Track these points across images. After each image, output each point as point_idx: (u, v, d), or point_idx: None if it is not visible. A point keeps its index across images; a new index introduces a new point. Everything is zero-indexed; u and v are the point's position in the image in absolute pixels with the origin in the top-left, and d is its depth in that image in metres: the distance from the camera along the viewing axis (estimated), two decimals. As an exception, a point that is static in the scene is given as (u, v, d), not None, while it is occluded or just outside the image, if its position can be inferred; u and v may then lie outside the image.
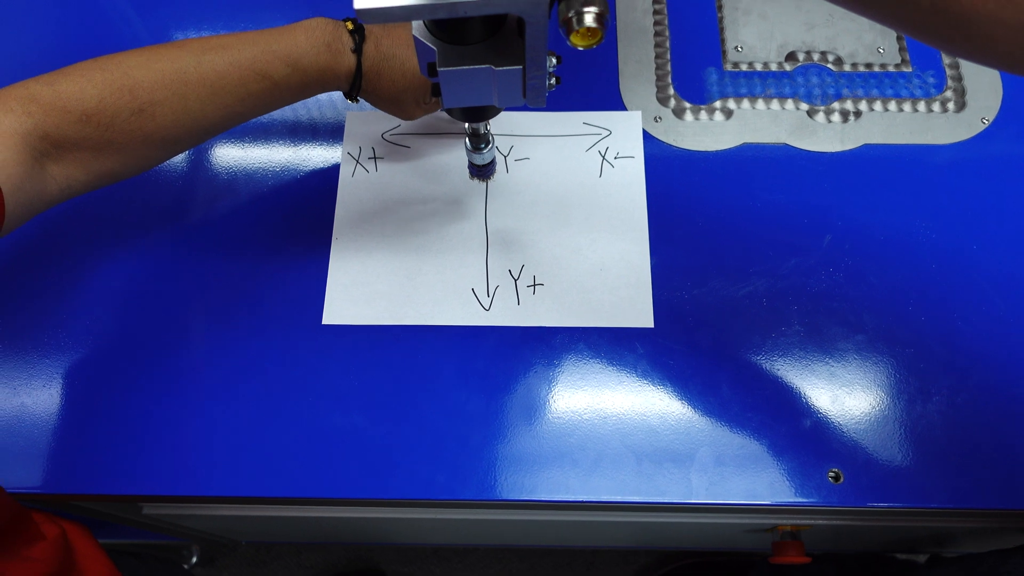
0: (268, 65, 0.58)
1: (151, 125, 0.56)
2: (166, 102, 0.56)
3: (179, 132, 0.58)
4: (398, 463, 0.64)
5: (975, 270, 0.69)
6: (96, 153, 0.55)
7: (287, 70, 0.58)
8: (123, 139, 0.56)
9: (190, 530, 1.02)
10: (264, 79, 0.58)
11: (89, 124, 0.54)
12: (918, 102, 0.77)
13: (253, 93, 0.59)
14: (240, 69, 0.58)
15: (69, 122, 0.53)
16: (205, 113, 0.58)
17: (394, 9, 0.39)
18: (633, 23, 0.81)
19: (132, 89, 0.55)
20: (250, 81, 0.58)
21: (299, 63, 0.59)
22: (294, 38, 0.59)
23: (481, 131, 0.62)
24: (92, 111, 0.54)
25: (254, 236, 0.73)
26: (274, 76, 0.58)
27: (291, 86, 0.60)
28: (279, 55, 0.58)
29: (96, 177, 0.57)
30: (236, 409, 0.66)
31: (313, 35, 0.59)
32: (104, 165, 0.57)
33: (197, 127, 0.59)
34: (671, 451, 0.64)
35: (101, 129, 0.54)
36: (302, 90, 0.61)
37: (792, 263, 0.70)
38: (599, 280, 0.70)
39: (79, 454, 0.65)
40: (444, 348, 0.68)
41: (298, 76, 0.59)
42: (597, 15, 0.38)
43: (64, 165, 0.55)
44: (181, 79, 0.56)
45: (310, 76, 0.60)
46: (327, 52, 0.59)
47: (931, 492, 0.62)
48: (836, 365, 0.66)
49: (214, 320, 0.70)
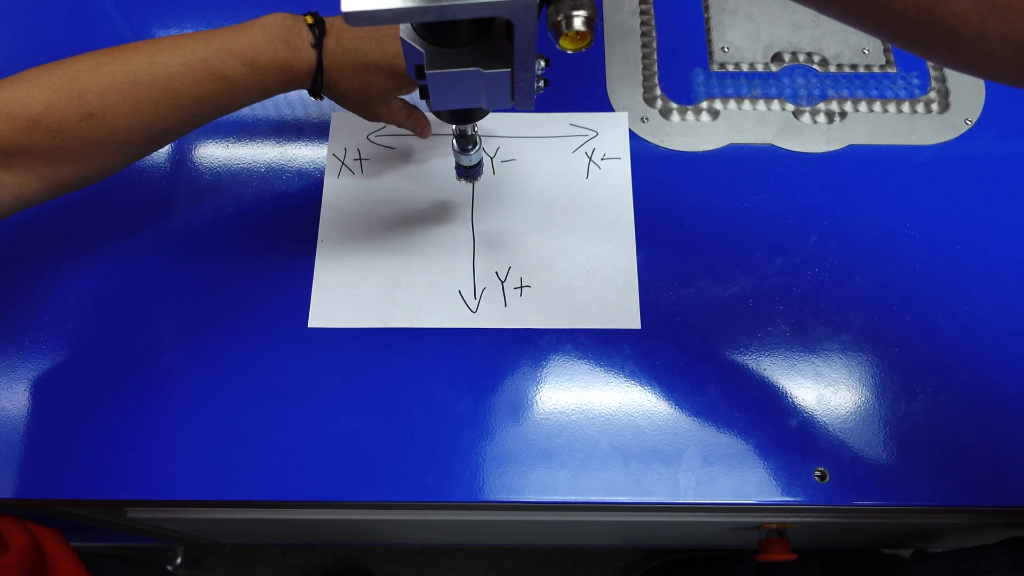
0: (223, 64, 0.56)
1: (103, 130, 0.54)
2: (117, 106, 0.54)
3: (133, 137, 0.56)
4: (386, 466, 0.64)
5: (959, 270, 0.70)
6: (48, 160, 0.53)
7: (243, 69, 0.56)
8: (74, 145, 0.54)
9: (175, 532, 1.02)
10: (219, 79, 0.56)
11: (37, 130, 0.52)
12: (902, 103, 0.77)
13: (209, 94, 0.57)
14: (194, 70, 0.55)
15: (16, 128, 0.51)
16: (159, 116, 0.56)
17: (383, 12, 0.39)
18: (620, 24, 0.81)
19: (81, 94, 0.53)
20: (204, 82, 0.56)
21: (255, 61, 0.57)
22: (250, 35, 0.57)
23: (468, 133, 0.62)
24: (39, 117, 0.52)
25: (239, 239, 0.73)
26: (230, 75, 0.56)
27: (249, 86, 0.58)
28: (234, 53, 0.56)
29: (50, 185, 0.55)
30: (221, 413, 0.66)
31: (270, 31, 0.57)
32: (58, 172, 0.55)
33: (152, 131, 0.57)
34: (659, 451, 0.64)
35: (50, 135, 0.52)
36: (261, 89, 0.59)
37: (778, 263, 0.71)
38: (586, 282, 0.70)
39: (63, 459, 0.65)
40: (431, 350, 0.68)
41: (256, 75, 0.57)
42: (586, 19, 0.38)
43: (15, 173, 0.53)
44: (132, 82, 0.54)
45: (268, 74, 0.58)
46: (285, 48, 0.57)
47: (916, 490, 0.63)
48: (822, 364, 0.67)
49: (199, 323, 0.69)
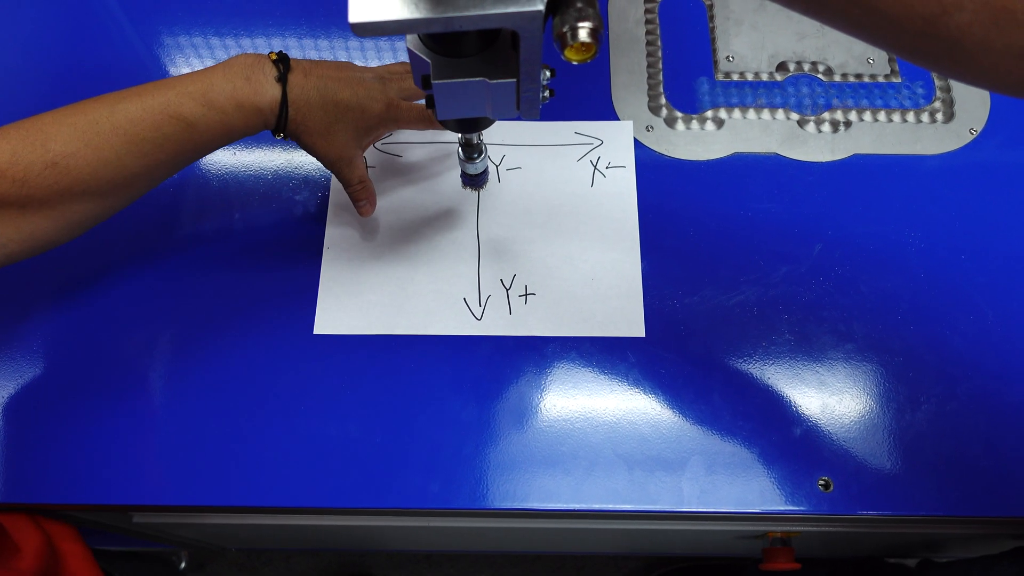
0: (181, 106, 0.56)
1: (67, 179, 0.54)
2: (79, 153, 0.54)
3: (98, 185, 0.56)
4: (391, 472, 0.64)
5: (964, 279, 0.70)
6: (21, 210, 0.54)
7: (201, 109, 0.56)
8: (42, 194, 0.54)
9: (180, 537, 1.02)
10: (178, 121, 0.56)
11: (5, 180, 0.53)
12: (907, 112, 0.77)
13: (170, 138, 0.57)
14: (153, 114, 0.56)
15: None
16: (123, 163, 0.56)
17: (390, 23, 0.39)
18: (625, 33, 0.82)
19: (44, 142, 0.54)
20: (164, 125, 0.56)
21: (214, 101, 0.57)
22: (210, 76, 0.57)
23: (474, 141, 0.62)
24: (5, 167, 0.53)
25: (245, 245, 0.73)
26: (188, 117, 0.56)
27: (209, 126, 0.57)
28: (192, 95, 0.56)
29: (29, 238, 0.56)
30: (227, 418, 0.66)
31: (230, 70, 0.57)
32: (32, 224, 0.55)
33: (117, 178, 0.57)
34: (662, 459, 0.64)
35: (17, 184, 0.53)
36: (224, 130, 0.58)
37: (783, 272, 0.71)
38: (591, 290, 0.70)
39: (69, 464, 0.65)
40: (436, 358, 0.68)
41: (214, 114, 0.57)
42: (591, 30, 0.38)
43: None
44: (94, 129, 0.55)
45: (228, 113, 0.57)
46: (246, 85, 0.57)
47: (920, 500, 0.62)
48: (826, 374, 0.67)
49: (206, 330, 0.70)
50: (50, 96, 0.80)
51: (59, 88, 0.81)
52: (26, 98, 0.81)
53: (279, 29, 0.84)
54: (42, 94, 0.81)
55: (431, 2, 0.38)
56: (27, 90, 0.81)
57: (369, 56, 0.83)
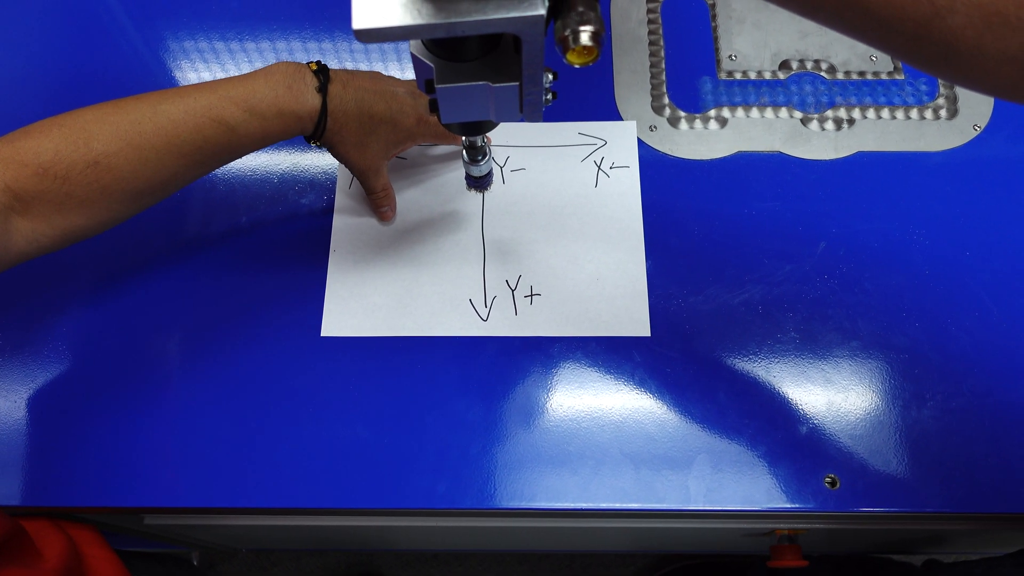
0: (223, 111, 0.57)
1: (108, 177, 0.55)
2: (121, 153, 0.55)
3: (138, 184, 0.57)
4: (398, 473, 0.64)
5: (969, 276, 0.70)
6: (58, 207, 0.55)
7: (243, 115, 0.58)
8: (82, 192, 0.55)
9: (190, 538, 1.03)
10: (219, 125, 0.57)
11: (47, 177, 0.54)
12: (911, 109, 0.77)
13: (210, 140, 0.58)
14: (195, 117, 0.57)
15: (27, 175, 0.53)
16: (163, 163, 0.57)
17: (393, 29, 0.39)
18: (628, 33, 0.82)
19: (87, 141, 0.55)
20: (206, 128, 0.57)
21: (256, 107, 0.58)
22: (252, 82, 0.58)
23: (478, 143, 0.63)
24: (48, 164, 0.54)
25: (252, 249, 0.74)
26: (230, 122, 0.58)
27: (250, 131, 0.59)
28: (235, 100, 0.57)
29: (62, 232, 0.57)
30: (237, 421, 0.66)
31: (272, 78, 0.59)
32: (68, 220, 0.56)
33: (157, 178, 0.58)
34: (669, 458, 0.64)
35: (59, 182, 0.54)
36: (262, 135, 0.60)
37: (787, 270, 0.71)
38: (596, 290, 0.70)
39: (80, 466, 0.66)
40: (442, 359, 0.68)
41: (256, 120, 0.58)
42: (593, 34, 0.39)
43: (29, 219, 0.54)
44: (136, 130, 0.56)
45: (269, 120, 0.59)
46: (287, 93, 0.58)
47: (926, 497, 0.63)
48: (831, 371, 0.67)
49: (213, 333, 0.70)
50: (57, 102, 0.81)
51: (65, 94, 0.81)
52: (33, 104, 0.81)
53: (284, 34, 0.85)
54: (48, 100, 0.81)
55: (434, 8, 0.38)
56: (34, 95, 0.82)
57: (373, 57, 0.83)
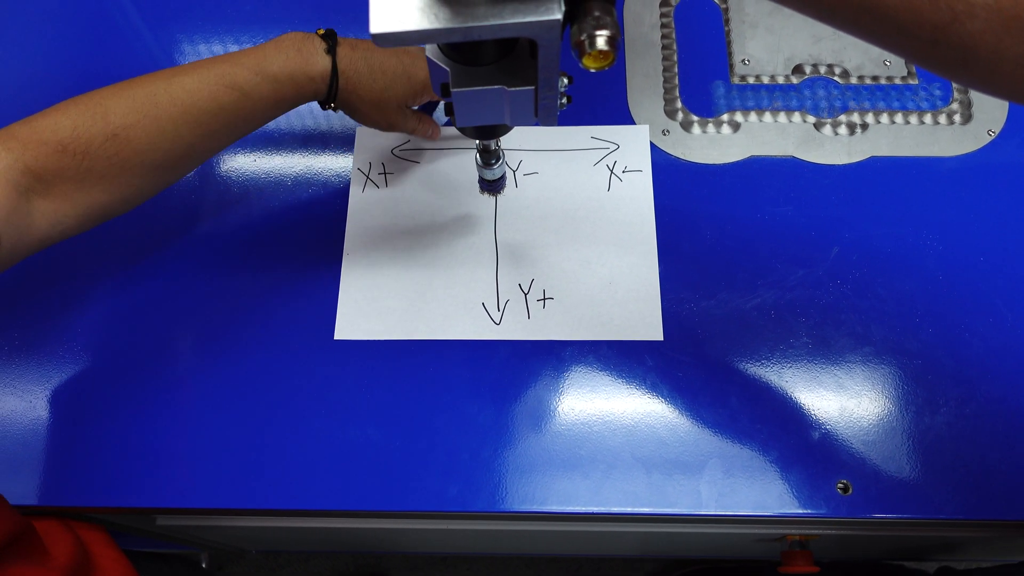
0: (236, 76, 0.59)
1: (127, 150, 0.56)
2: (138, 125, 0.57)
3: (157, 156, 0.58)
4: (410, 476, 0.64)
5: (982, 281, 0.70)
6: (79, 184, 0.56)
7: (256, 79, 0.59)
8: (102, 167, 0.56)
9: (201, 539, 1.03)
10: (233, 90, 0.59)
11: (66, 154, 0.54)
12: (924, 114, 0.77)
13: (225, 107, 0.59)
14: (209, 84, 0.58)
15: (47, 153, 0.54)
16: (180, 133, 0.58)
17: (411, 33, 0.39)
18: (641, 37, 0.82)
19: (104, 115, 0.56)
20: (220, 94, 0.59)
21: (267, 70, 0.59)
22: (263, 50, 0.60)
23: (492, 147, 0.63)
24: (67, 140, 0.54)
25: (266, 252, 0.74)
26: (243, 86, 0.59)
27: (263, 95, 0.60)
28: (247, 66, 0.59)
29: (85, 210, 0.57)
30: (249, 422, 0.67)
31: (282, 44, 0.61)
32: (90, 197, 0.57)
33: (174, 150, 0.59)
34: (680, 462, 0.64)
35: (78, 158, 0.55)
36: (276, 99, 0.61)
37: (800, 275, 0.71)
38: (608, 294, 0.70)
39: (93, 467, 0.66)
40: (455, 362, 0.68)
41: (268, 84, 0.60)
42: (609, 38, 0.39)
43: (51, 200, 0.55)
44: (152, 101, 0.57)
45: (281, 83, 0.60)
46: (298, 56, 0.60)
47: (939, 503, 0.62)
48: (844, 376, 0.67)
49: (228, 335, 0.70)
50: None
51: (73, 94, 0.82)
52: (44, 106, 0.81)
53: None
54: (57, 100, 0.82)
55: (451, 12, 0.39)
56: (45, 97, 0.81)
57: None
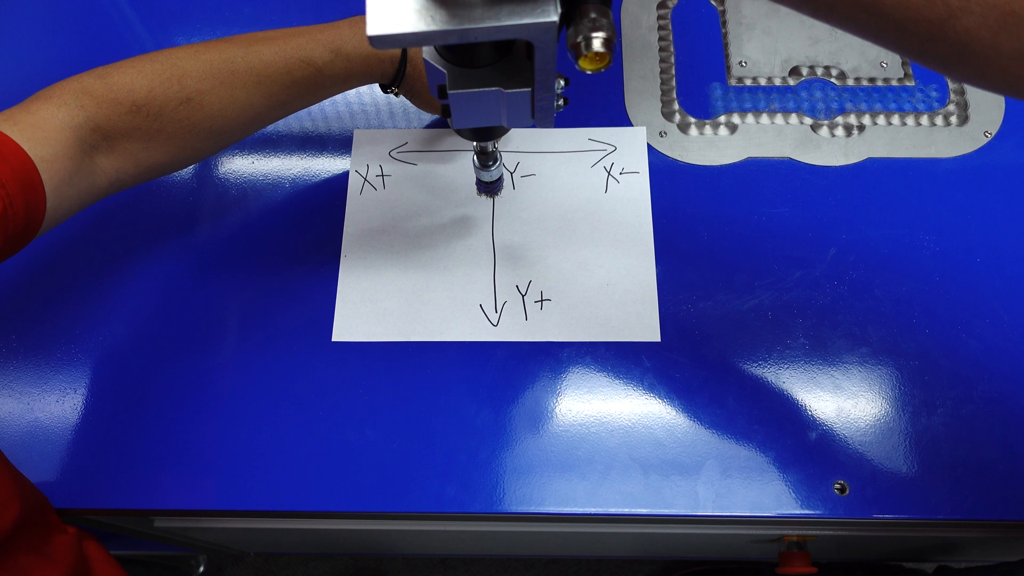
0: (312, 52, 0.60)
1: (199, 114, 0.57)
2: (213, 91, 0.57)
3: (225, 122, 0.59)
4: (408, 477, 0.64)
5: (979, 282, 0.70)
6: (146, 144, 0.57)
7: (330, 56, 0.60)
8: (172, 128, 0.57)
9: (200, 542, 1.03)
10: (308, 66, 0.60)
11: (139, 114, 0.55)
12: (921, 116, 0.77)
13: (298, 80, 0.60)
14: (285, 58, 0.59)
15: (120, 113, 0.54)
16: (251, 102, 0.59)
17: (407, 35, 0.39)
18: (638, 39, 0.82)
19: (181, 79, 0.56)
20: (295, 68, 0.60)
21: (342, 50, 0.60)
22: (339, 28, 0.61)
23: (489, 149, 0.63)
24: (142, 101, 0.55)
25: (264, 254, 0.74)
26: (318, 63, 0.60)
27: (336, 73, 0.61)
28: (323, 43, 0.60)
29: (145, 169, 0.58)
30: (248, 424, 0.67)
31: (357, 26, 0.61)
32: (153, 156, 0.58)
33: (243, 117, 0.60)
34: (678, 463, 0.64)
35: (151, 119, 0.55)
36: (345, 78, 0.62)
37: (797, 276, 0.71)
38: (606, 295, 0.70)
39: (93, 469, 0.66)
40: (453, 363, 0.68)
41: (341, 63, 0.61)
42: (605, 40, 0.39)
43: (114, 157, 0.56)
44: (229, 68, 0.58)
45: (354, 62, 0.61)
46: None
47: (937, 503, 0.62)
48: (841, 377, 0.67)
49: (225, 337, 0.70)
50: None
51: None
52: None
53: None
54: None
55: (447, 15, 0.39)
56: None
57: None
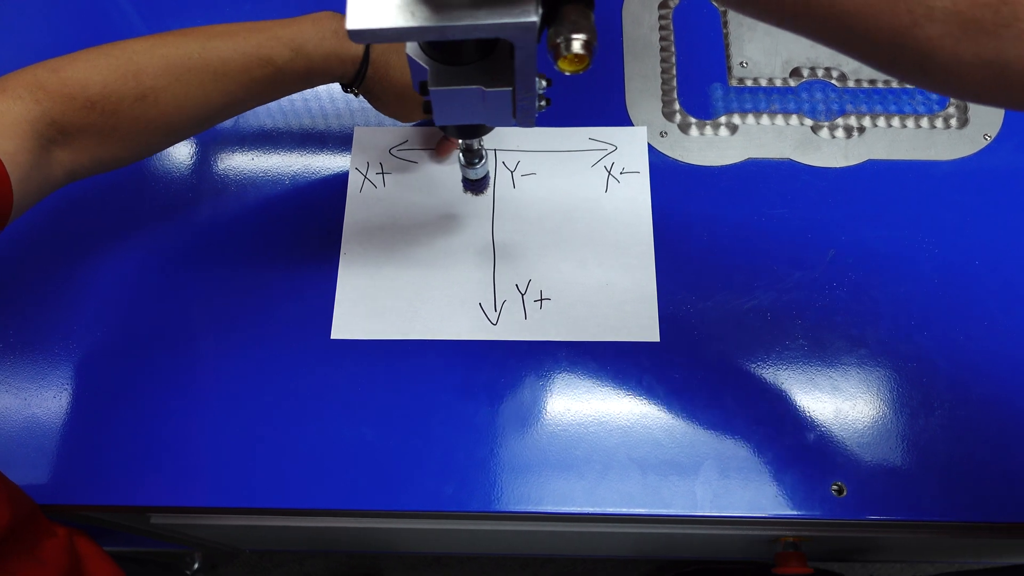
0: (272, 51, 0.58)
1: (154, 111, 0.56)
2: (169, 88, 0.56)
3: (180, 119, 0.58)
4: (406, 475, 0.64)
5: (977, 285, 0.70)
6: (100, 139, 0.55)
7: (290, 55, 0.59)
8: (127, 126, 0.56)
9: (195, 538, 1.03)
10: (267, 64, 0.58)
11: (94, 111, 0.54)
12: (921, 118, 0.77)
13: (256, 79, 0.59)
14: (244, 56, 0.58)
15: (74, 109, 0.53)
16: (208, 99, 0.58)
17: (386, 31, 0.39)
18: (639, 39, 0.82)
19: (136, 75, 0.55)
20: (254, 67, 0.58)
21: (303, 48, 0.59)
22: (300, 25, 0.59)
23: (474, 146, 0.63)
24: (97, 98, 0.54)
25: (263, 251, 0.74)
26: (277, 61, 0.58)
27: (296, 71, 0.60)
28: (283, 40, 0.58)
29: (99, 163, 0.57)
30: (245, 421, 0.67)
31: (319, 23, 0.60)
32: (107, 151, 0.57)
33: (199, 114, 0.59)
34: (676, 463, 0.64)
35: (106, 116, 0.54)
36: (306, 77, 0.61)
37: (796, 277, 0.71)
38: (605, 295, 0.70)
39: (88, 465, 0.66)
40: (452, 362, 0.68)
41: (302, 61, 0.59)
42: (585, 42, 0.39)
43: (70, 152, 0.55)
44: (185, 65, 0.56)
45: (314, 62, 0.60)
46: (334, 38, 0.59)
47: (933, 506, 0.62)
48: (839, 379, 0.67)
49: (224, 333, 0.70)
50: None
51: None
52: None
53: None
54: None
55: (428, 12, 0.39)
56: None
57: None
